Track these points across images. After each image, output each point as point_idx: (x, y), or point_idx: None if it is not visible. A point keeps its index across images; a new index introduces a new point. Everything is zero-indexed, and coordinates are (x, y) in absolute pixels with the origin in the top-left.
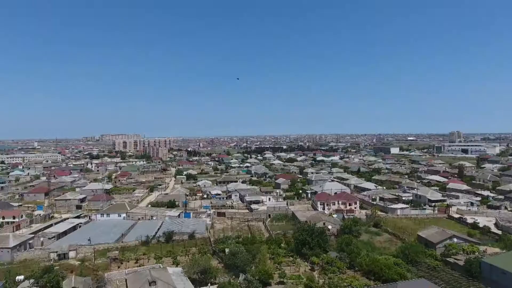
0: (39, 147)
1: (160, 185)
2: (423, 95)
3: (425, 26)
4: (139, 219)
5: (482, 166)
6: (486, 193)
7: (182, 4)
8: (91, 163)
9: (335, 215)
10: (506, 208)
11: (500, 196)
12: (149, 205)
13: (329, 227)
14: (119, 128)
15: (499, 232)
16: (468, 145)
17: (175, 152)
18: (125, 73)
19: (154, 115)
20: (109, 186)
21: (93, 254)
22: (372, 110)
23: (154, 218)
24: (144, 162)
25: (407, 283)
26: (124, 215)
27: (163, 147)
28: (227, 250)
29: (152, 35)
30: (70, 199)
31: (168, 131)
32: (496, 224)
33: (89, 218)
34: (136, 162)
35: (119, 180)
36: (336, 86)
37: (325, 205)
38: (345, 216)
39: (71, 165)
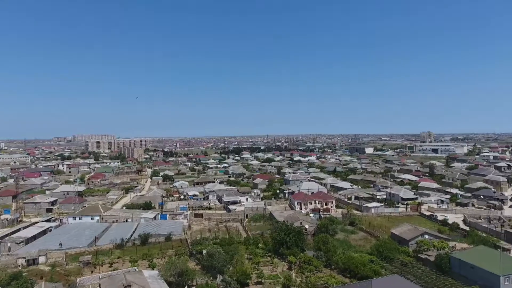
0: (6, 148)
1: (135, 186)
2: (396, 96)
3: (398, 29)
4: (113, 221)
5: (451, 165)
6: (455, 191)
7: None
8: (63, 165)
9: (312, 215)
10: (473, 205)
11: (468, 194)
12: (124, 207)
13: (306, 226)
14: (92, 129)
15: (467, 228)
16: (438, 145)
17: (151, 153)
18: (98, 71)
19: (129, 115)
20: (81, 188)
21: (64, 259)
22: (348, 111)
23: (129, 220)
24: (119, 163)
25: (381, 280)
26: (97, 217)
27: (138, 148)
28: (204, 251)
29: (124, 32)
30: (39, 202)
31: (144, 131)
32: (464, 221)
33: (60, 221)
34: (110, 163)
35: (92, 182)
36: (312, 88)
37: (302, 204)
38: (322, 215)
39: (41, 167)
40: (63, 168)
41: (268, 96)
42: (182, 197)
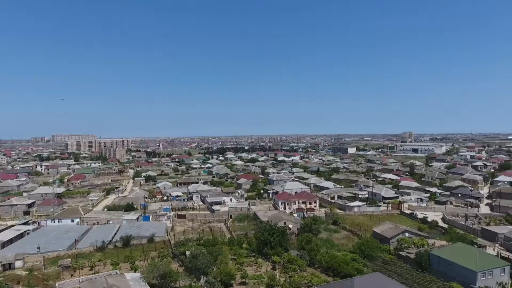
0: None
1: (117, 187)
2: (378, 97)
3: (381, 30)
4: (94, 223)
5: (431, 164)
6: (434, 189)
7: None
8: (41, 166)
9: (295, 214)
10: (451, 203)
11: (446, 192)
12: (105, 209)
13: (290, 226)
14: (72, 129)
15: (446, 226)
16: (418, 145)
17: (133, 153)
18: (78, 70)
19: (111, 115)
20: (61, 189)
21: (42, 263)
22: (331, 111)
23: (111, 222)
24: (100, 164)
25: (363, 278)
26: (77, 220)
27: (120, 148)
28: (188, 252)
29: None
30: (16, 205)
31: (126, 131)
32: (443, 219)
33: (38, 224)
34: (91, 164)
35: (72, 183)
36: (296, 89)
37: (286, 204)
38: (305, 215)
39: (18, 168)
40: (41, 169)
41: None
42: (165, 198)
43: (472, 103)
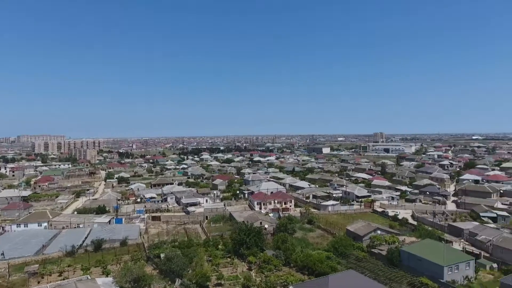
0: None
1: (88, 189)
2: (351, 99)
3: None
4: (63, 227)
5: (401, 164)
6: (404, 188)
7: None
8: (5, 168)
9: (271, 214)
10: (420, 201)
11: (415, 191)
12: (75, 212)
13: (266, 226)
14: (40, 129)
15: (415, 222)
16: (389, 145)
17: (105, 154)
18: (46, 67)
19: (81, 115)
20: (27, 192)
21: (7, 270)
22: (306, 112)
23: (81, 225)
24: (70, 165)
25: (337, 275)
26: (45, 224)
27: (91, 149)
28: (162, 255)
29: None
30: None
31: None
32: (412, 216)
33: (3, 229)
34: (60, 165)
35: (39, 186)
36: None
37: (262, 204)
38: (281, 215)
39: None
40: (6, 171)
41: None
42: (138, 200)
43: (439, 105)
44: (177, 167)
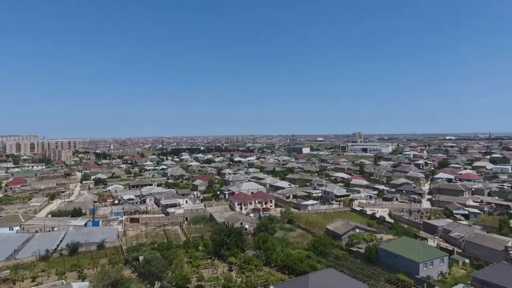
0: None
1: (63, 191)
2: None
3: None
4: (36, 231)
5: (378, 163)
6: (381, 187)
7: None
8: None
9: (252, 214)
10: (397, 199)
11: (392, 189)
12: (50, 215)
13: (246, 226)
14: (11, 129)
15: (392, 220)
16: (367, 145)
17: (81, 155)
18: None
19: (55, 114)
20: None
21: None
22: (286, 112)
23: (56, 229)
24: (44, 167)
25: (316, 274)
26: (17, 228)
27: (66, 150)
28: (141, 257)
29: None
30: None
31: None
32: (389, 214)
33: None
34: (33, 166)
35: (11, 188)
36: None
37: (243, 205)
38: (262, 215)
39: None
40: None
41: (211, 98)
42: (116, 201)
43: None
44: (156, 168)
